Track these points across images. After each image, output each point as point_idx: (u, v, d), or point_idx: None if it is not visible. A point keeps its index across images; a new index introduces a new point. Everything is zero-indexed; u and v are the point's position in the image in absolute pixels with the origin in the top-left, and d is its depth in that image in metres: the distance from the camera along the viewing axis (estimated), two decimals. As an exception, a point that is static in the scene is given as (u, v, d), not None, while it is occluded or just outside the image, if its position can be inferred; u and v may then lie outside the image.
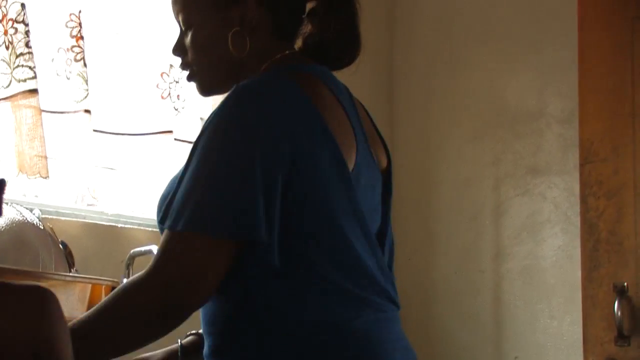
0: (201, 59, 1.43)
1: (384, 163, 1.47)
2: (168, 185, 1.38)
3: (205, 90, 1.50)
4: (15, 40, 2.36)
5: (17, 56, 2.36)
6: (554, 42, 3.16)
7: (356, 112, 1.41)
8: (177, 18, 1.45)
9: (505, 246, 3.21)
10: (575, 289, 2.88)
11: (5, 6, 2.38)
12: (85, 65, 2.49)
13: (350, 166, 1.30)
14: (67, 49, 2.49)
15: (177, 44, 1.47)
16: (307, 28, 1.45)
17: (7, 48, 2.36)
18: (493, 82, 3.31)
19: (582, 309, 2.75)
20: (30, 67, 2.37)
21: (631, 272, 2.67)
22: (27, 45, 2.37)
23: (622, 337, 2.61)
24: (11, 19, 2.38)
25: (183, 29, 1.44)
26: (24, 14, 2.39)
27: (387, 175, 1.47)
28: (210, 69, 1.44)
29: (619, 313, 2.61)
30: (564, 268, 3.05)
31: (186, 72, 1.48)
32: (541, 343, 3.08)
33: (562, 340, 3.03)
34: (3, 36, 2.36)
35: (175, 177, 1.35)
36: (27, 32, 2.38)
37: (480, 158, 3.30)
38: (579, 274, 2.81)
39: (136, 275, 1.27)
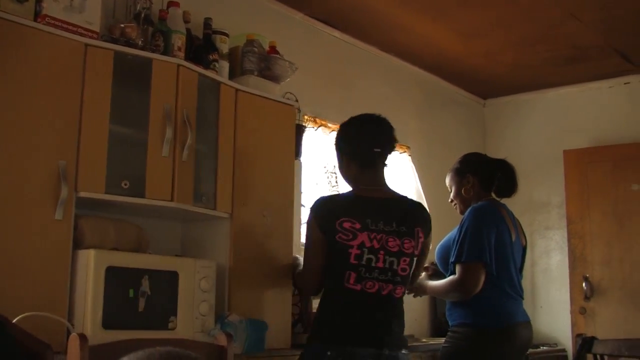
0: (456, 200, 3.70)
1: (524, 242, 3.65)
2: (444, 241, 3.59)
3: (460, 212, 3.67)
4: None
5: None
6: None
7: (513, 217, 3.62)
8: (447, 184, 3.76)
9: None
10: None
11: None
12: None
13: (513, 240, 3.51)
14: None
15: (451, 195, 3.74)
16: (496, 184, 3.64)
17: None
18: None
19: None
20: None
21: None
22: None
23: None
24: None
25: (450, 190, 3.72)
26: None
27: (524, 248, 3.64)
28: (460, 203, 3.68)
29: None
30: None
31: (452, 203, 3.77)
32: None
33: None
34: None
35: (448, 238, 3.54)
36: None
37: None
38: None
39: (453, 277, 3.39)
